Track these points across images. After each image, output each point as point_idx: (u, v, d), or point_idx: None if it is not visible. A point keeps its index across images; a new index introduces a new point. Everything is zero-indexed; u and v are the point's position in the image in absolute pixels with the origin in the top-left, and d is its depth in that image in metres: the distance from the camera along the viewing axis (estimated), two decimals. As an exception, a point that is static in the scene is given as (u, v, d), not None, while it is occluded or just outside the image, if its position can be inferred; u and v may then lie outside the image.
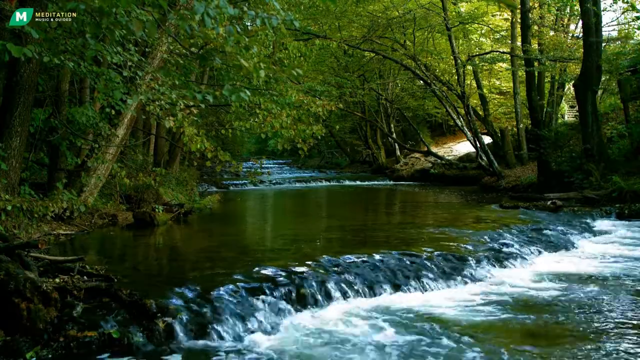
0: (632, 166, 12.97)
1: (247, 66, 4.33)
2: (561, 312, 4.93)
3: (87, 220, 9.11)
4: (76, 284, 4.67)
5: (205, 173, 23.53)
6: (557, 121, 18.99)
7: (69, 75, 9.80)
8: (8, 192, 7.44)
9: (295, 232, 9.59)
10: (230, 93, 4.70)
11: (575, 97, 14.77)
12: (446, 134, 33.60)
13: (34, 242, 5.24)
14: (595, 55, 13.47)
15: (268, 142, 40.06)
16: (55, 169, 9.83)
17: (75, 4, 4.14)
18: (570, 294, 5.54)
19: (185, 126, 7.26)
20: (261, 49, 6.91)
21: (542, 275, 6.39)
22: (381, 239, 8.20)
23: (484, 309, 5.08)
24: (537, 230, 8.78)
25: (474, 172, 21.21)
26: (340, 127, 30.18)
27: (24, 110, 7.77)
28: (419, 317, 4.81)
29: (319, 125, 9.26)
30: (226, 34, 4.21)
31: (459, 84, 19.50)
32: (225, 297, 4.73)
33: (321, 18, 20.31)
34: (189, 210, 11.09)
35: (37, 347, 3.83)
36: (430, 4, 19.88)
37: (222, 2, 3.97)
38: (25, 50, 4.97)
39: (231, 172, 22.97)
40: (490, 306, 5.16)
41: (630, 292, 5.60)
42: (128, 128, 10.08)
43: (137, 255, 7.26)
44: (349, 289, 5.43)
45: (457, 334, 4.36)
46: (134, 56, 6.79)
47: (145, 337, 4.07)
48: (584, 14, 13.66)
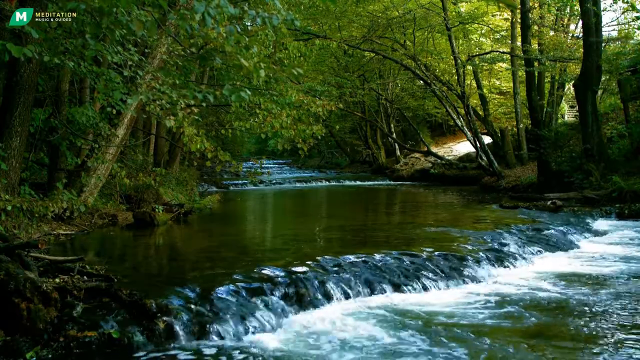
0: (632, 166, 12.98)
1: (247, 66, 4.32)
2: (561, 312, 4.93)
3: (87, 220, 9.11)
4: (76, 284, 4.67)
5: (205, 173, 23.52)
6: (557, 121, 19.00)
7: (69, 75, 9.80)
8: (8, 192, 7.44)
9: (295, 232, 9.59)
10: (231, 93, 4.70)
11: (575, 97, 14.78)
12: (446, 134, 33.61)
13: (34, 242, 5.24)
14: (595, 55, 13.48)
15: (268, 142, 39.95)
16: (55, 169, 9.82)
17: (75, 4, 4.14)
18: (571, 294, 5.54)
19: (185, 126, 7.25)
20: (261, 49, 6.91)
21: (542, 275, 6.39)
22: (381, 239, 8.20)
23: (484, 309, 5.08)
24: (537, 230, 8.78)
25: (474, 172, 21.21)
26: (340, 127, 30.17)
27: (24, 110, 7.77)
28: (419, 317, 4.81)
29: (319, 125, 9.26)
30: (226, 33, 4.21)
31: (459, 84, 19.50)
32: (225, 297, 4.73)
33: (321, 18, 20.32)
34: (189, 210, 11.09)
35: (37, 347, 3.83)
36: (430, 4, 19.87)
37: (222, 2, 3.97)
38: (25, 50, 4.97)
39: (231, 172, 22.97)
40: (490, 306, 5.16)
41: (631, 292, 5.59)
42: (128, 128, 10.08)
43: (137, 255, 7.26)
44: (349, 289, 5.43)
45: (457, 333, 4.37)
46: (134, 56, 6.79)
47: (145, 337, 4.07)
48: (584, 14, 13.67)
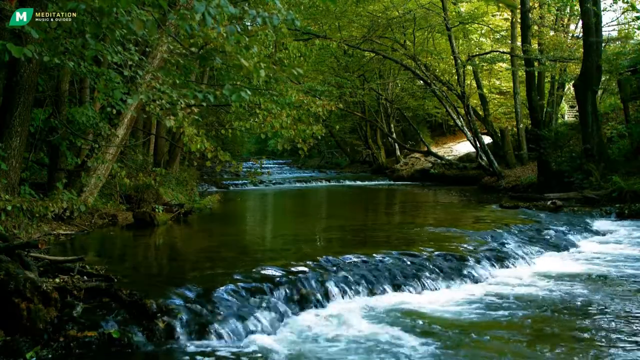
0: (632, 166, 12.98)
1: (247, 66, 4.32)
2: (561, 312, 4.93)
3: (87, 220, 9.10)
4: (76, 284, 4.66)
5: (205, 173, 23.52)
6: (557, 121, 19.00)
7: (69, 75, 9.79)
8: (8, 192, 7.44)
9: (295, 232, 9.59)
10: (231, 93, 4.70)
11: (575, 97, 14.78)
12: (446, 134, 33.61)
13: (34, 242, 5.23)
14: (595, 55, 13.48)
15: (268, 142, 40.03)
16: (55, 169, 9.82)
17: (75, 4, 4.14)
18: (571, 293, 5.54)
19: (185, 126, 7.25)
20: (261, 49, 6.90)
21: (542, 275, 6.39)
22: (381, 239, 8.20)
23: (484, 309, 5.08)
24: (537, 230, 8.78)
25: (474, 172, 21.21)
26: (340, 127, 30.15)
27: (24, 110, 7.77)
28: (419, 317, 4.80)
29: (319, 125, 9.25)
30: (226, 33, 4.20)
31: (459, 84, 19.50)
32: (225, 297, 4.73)
33: (321, 18, 20.33)
34: (189, 210, 11.09)
35: (37, 347, 3.83)
36: (430, 4, 19.88)
37: (222, 1, 3.97)
38: (25, 50, 4.96)
39: (231, 172, 22.95)
40: (490, 306, 5.16)
41: (631, 292, 5.60)
42: (128, 128, 10.08)
43: (137, 255, 7.26)
44: (349, 289, 5.43)
45: (457, 333, 4.37)
46: (134, 56, 6.79)
47: (145, 337, 4.07)
48: (584, 14, 13.67)
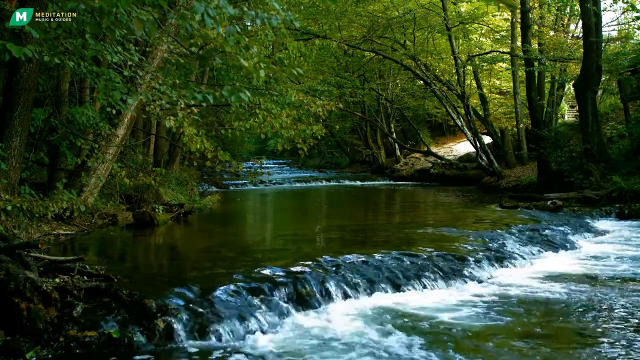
0: (632, 166, 12.98)
1: (247, 66, 4.33)
2: (561, 312, 4.93)
3: (87, 220, 9.10)
4: (76, 284, 4.66)
5: (205, 173, 23.52)
6: (557, 121, 19.01)
7: (69, 75, 9.80)
8: (8, 192, 7.45)
9: (295, 232, 9.58)
10: (230, 93, 4.70)
11: (575, 97, 14.79)
12: (446, 134, 33.64)
13: (34, 242, 5.23)
14: (595, 55, 13.48)
15: (268, 142, 40.04)
16: (55, 169, 9.82)
17: (75, 4, 4.15)
18: (570, 293, 5.54)
19: (185, 126, 7.26)
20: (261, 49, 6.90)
21: (542, 275, 6.39)
22: (381, 239, 8.19)
23: (484, 308, 5.08)
24: (537, 230, 8.77)
25: (474, 172, 21.23)
26: (340, 127, 30.19)
27: (24, 110, 7.77)
28: (420, 317, 4.80)
29: (319, 125, 9.27)
30: (226, 34, 4.21)
31: (459, 84, 19.51)
32: (225, 297, 4.73)
33: (321, 18, 20.35)
34: (189, 210, 11.09)
35: (37, 347, 3.82)
36: (430, 4, 19.89)
37: (222, 2, 3.98)
38: (25, 50, 4.97)
39: (231, 172, 22.96)
40: (490, 306, 5.15)
41: (631, 292, 5.59)
42: (128, 128, 10.09)
43: (137, 255, 7.26)
44: (349, 289, 5.43)
45: (457, 333, 4.37)
46: (134, 56, 6.79)
47: (145, 337, 4.07)
48: (584, 14, 13.67)
